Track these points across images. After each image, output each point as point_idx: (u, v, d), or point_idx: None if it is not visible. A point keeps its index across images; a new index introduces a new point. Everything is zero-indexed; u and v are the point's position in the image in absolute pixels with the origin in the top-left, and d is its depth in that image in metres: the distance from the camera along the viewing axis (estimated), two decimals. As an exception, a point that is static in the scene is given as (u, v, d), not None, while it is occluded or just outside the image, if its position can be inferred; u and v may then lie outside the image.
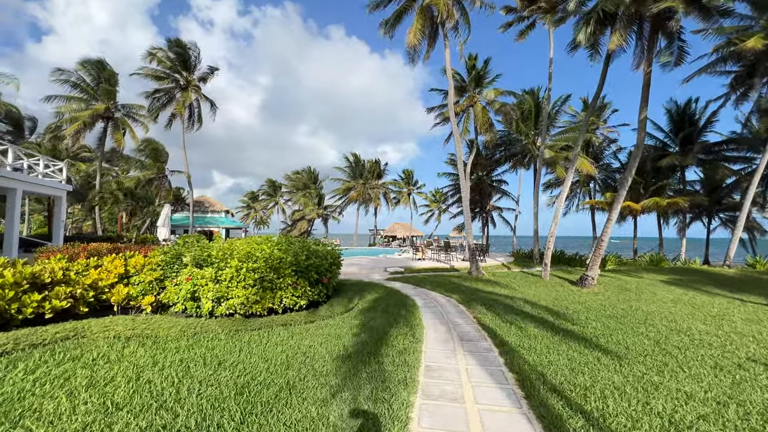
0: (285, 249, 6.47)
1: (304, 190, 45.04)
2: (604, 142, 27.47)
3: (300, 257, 6.37)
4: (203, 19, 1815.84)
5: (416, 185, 49.23)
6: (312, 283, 6.52)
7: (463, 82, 21.20)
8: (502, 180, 30.32)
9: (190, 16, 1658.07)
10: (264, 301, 5.86)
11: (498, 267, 17.26)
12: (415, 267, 15.67)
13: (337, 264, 7.85)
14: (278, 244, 6.81)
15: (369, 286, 10.16)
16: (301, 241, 7.49)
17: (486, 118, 19.77)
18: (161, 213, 13.43)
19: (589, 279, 11.30)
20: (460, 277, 13.01)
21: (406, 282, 11.66)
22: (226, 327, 5.24)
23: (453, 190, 32.99)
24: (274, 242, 6.97)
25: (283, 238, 7.45)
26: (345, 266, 15.28)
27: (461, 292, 9.78)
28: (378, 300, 7.96)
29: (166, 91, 25.84)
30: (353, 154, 40.64)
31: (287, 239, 7.49)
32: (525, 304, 8.35)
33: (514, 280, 12.85)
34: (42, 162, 13.40)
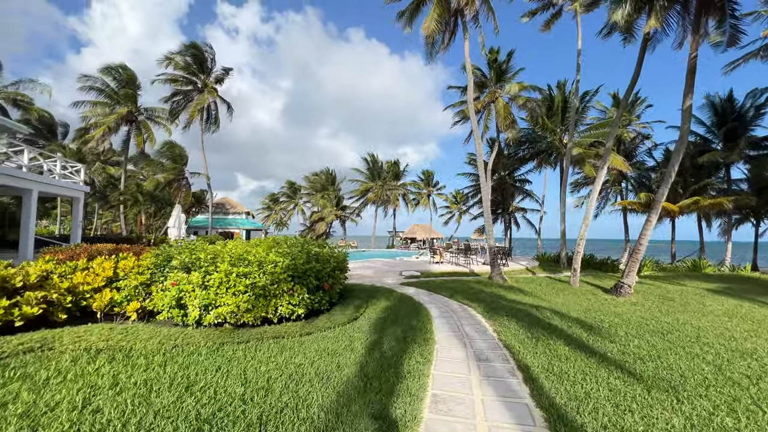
0: (283, 252, 5.90)
1: (322, 191, 44.91)
2: (636, 138, 25.70)
3: (298, 261, 5.77)
4: (228, 27, 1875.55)
5: (436, 186, 48.22)
6: (311, 289, 5.91)
7: (484, 78, 20.22)
8: (526, 180, 28.97)
9: (216, 25, 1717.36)
10: (257, 309, 5.28)
11: (521, 272, 16.17)
12: (432, 271, 14.86)
13: (342, 268, 7.21)
14: (276, 246, 6.25)
15: (380, 291, 9.48)
16: (303, 243, 6.91)
17: (508, 114, 18.70)
18: (172, 213, 13.22)
19: (625, 287, 10.17)
20: (480, 283, 12.11)
21: (420, 287, 10.89)
22: (212, 339, 4.68)
23: (473, 190, 31.86)
24: (270, 244, 6.41)
25: (283, 240, 6.90)
26: (358, 269, 14.70)
27: (480, 300, 8.93)
28: (387, 309, 7.25)
29: (184, 94, 26.18)
30: (371, 154, 40.19)
31: (288, 241, 6.93)
32: (553, 316, 7.43)
33: (540, 286, 11.83)
34: (59, 163, 13.52)
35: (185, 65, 25.48)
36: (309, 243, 7.12)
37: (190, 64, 25.94)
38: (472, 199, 32.98)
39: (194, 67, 26.13)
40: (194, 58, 26.00)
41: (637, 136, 25.89)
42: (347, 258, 8.07)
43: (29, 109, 27.25)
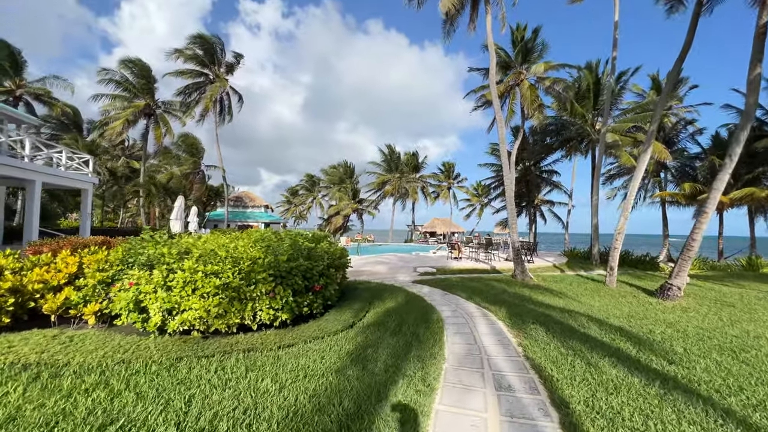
0: (265, 246, 5.02)
1: (340, 184, 44.29)
2: (679, 123, 23.36)
3: (281, 258, 4.87)
4: (251, 24, 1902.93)
5: (457, 178, 46.57)
6: (298, 291, 5.01)
7: (508, 58, 18.65)
8: (553, 170, 27.12)
9: (238, 21, 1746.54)
10: (230, 315, 4.43)
11: (548, 269, 14.79)
12: (449, 267, 13.75)
13: (339, 266, 6.27)
14: (261, 240, 5.39)
15: (388, 290, 8.51)
16: (294, 236, 6.02)
17: (535, 97, 17.14)
18: (175, 205, 12.71)
19: (674, 289, 8.75)
20: (502, 282, 10.92)
21: (435, 286, 9.85)
22: (169, 352, 3.86)
23: (496, 182, 30.24)
24: (257, 237, 5.56)
25: (271, 233, 6.04)
26: (370, 265, 13.78)
27: (502, 302, 7.80)
28: (393, 312, 6.27)
29: (196, 86, 25.91)
30: (388, 145, 39.04)
31: (277, 234, 6.06)
32: (589, 324, 6.24)
33: (570, 286, 10.52)
34: (65, 154, 13.26)
35: (195, 56, 25.13)
36: (302, 236, 6.23)
37: (200, 55, 25.58)
38: (495, 191, 31.35)
39: (205, 59, 25.76)
40: (204, 50, 25.62)
41: (680, 122, 23.54)
42: (347, 254, 7.15)
43: (53, 104, 27.80)
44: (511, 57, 18.66)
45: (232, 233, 7.44)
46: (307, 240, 5.96)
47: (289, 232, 6.74)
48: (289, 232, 6.74)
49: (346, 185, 41.04)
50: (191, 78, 25.79)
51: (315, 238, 7.29)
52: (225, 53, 26.68)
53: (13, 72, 25.84)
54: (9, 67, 25.62)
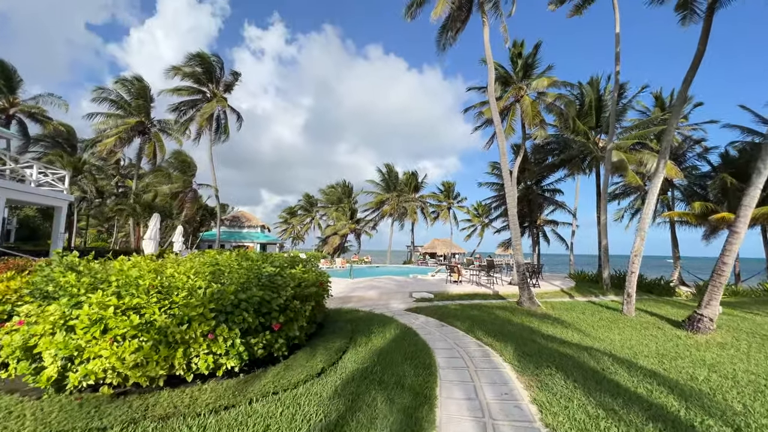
0: (210, 273, 4.02)
1: (338, 204, 43.50)
2: (685, 142, 22.67)
3: (229, 288, 3.85)
4: (255, 49, 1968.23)
5: (456, 198, 45.79)
6: (250, 330, 3.96)
7: (507, 74, 18.15)
8: (556, 189, 26.26)
9: (243, 47, 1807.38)
10: (154, 364, 3.37)
11: (556, 294, 13.63)
12: (448, 292, 12.61)
13: (306, 297, 5.16)
14: (212, 263, 4.39)
15: (377, 322, 7.39)
16: (258, 259, 5.02)
17: (536, 113, 16.48)
18: (149, 224, 11.76)
19: (705, 321, 7.62)
20: (507, 309, 9.78)
21: (431, 315, 8.72)
22: (50, 424, 2.78)
23: (497, 201, 29.35)
24: (211, 261, 4.56)
25: (230, 255, 5.05)
26: (362, 290, 12.65)
27: (508, 336, 6.68)
28: (376, 354, 5.17)
29: (192, 104, 25.51)
30: (386, 164, 38.44)
31: (238, 255, 5.07)
32: (616, 366, 5.12)
33: (583, 315, 9.37)
34: (35, 169, 12.43)
35: (193, 74, 24.85)
36: (269, 259, 5.23)
37: (198, 73, 25.33)
38: (496, 210, 30.41)
39: (202, 77, 25.49)
40: (203, 68, 25.38)
41: (686, 140, 22.87)
42: (327, 279, 6.11)
43: (46, 123, 27.38)
44: (510, 74, 18.17)
45: (208, 253, 6.43)
46: (271, 265, 4.95)
47: (255, 254, 5.75)
48: (255, 254, 5.75)
49: (344, 205, 40.23)
50: (188, 95, 25.42)
51: (291, 260, 6.27)
52: (224, 72, 26.45)
53: (7, 90, 25.55)
54: (3, 86, 25.34)
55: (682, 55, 9.80)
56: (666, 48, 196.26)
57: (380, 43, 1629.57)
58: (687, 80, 9.99)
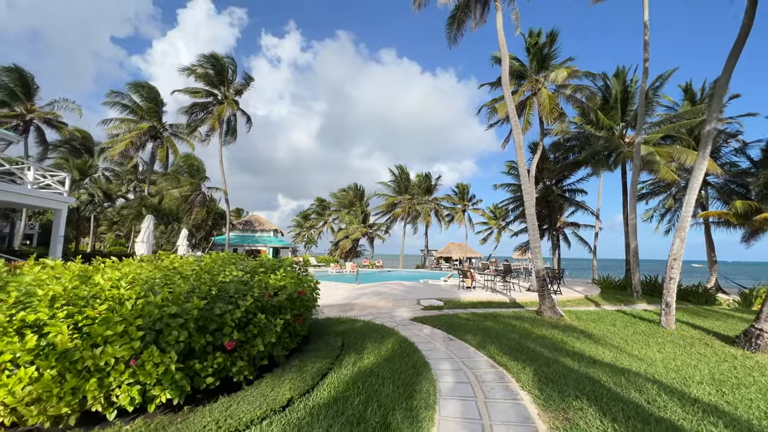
0: (145, 281, 3.24)
1: (350, 207, 42.89)
2: (719, 136, 20.90)
3: (157, 298, 3.04)
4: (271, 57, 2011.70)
5: (471, 201, 44.48)
6: (192, 352, 3.16)
7: (522, 67, 17.05)
8: (579, 189, 24.77)
9: (260, 56, 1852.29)
10: (54, 400, 2.59)
11: (580, 302, 12.40)
12: (460, 299, 11.59)
13: (277, 309, 4.29)
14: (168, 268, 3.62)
15: (374, 335, 6.50)
16: (216, 261, 4.24)
17: (555, 106, 15.33)
18: (142, 226, 11.26)
19: (765, 336, 6.39)
20: (525, 320, 8.71)
21: (439, 326, 7.75)
22: None
23: (514, 203, 28.02)
24: (167, 266, 3.81)
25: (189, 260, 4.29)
26: (366, 296, 11.77)
27: (526, 354, 5.67)
28: (365, 378, 4.28)
29: (204, 106, 25.38)
30: (398, 166, 37.57)
31: (219, 259, 4.30)
32: (664, 398, 4.07)
33: (615, 327, 8.21)
34: (32, 171, 12.15)
35: (205, 75, 24.70)
36: (232, 261, 4.43)
37: (211, 75, 25.18)
38: (513, 212, 29.03)
39: (215, 79, 25.33)
40: (215, 70, 25.23)
41: (720, 134, 21.09)
42: (312, 286, 5.27)
43: (61, 128, 27.84)
44: (526, 65, 17.06)
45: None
46: (243, 270, 4.14)
47: (218, 255, 4.99)
48: (218, 255, 4.99)
49: (356, 208, 39.55)
50: (200, 97, 25.31)
51: (272, 265, 5.48)
52: (236, 75, 26.25)
53: (24, 97, 26.10)
54: (21, 93, 25.89)
55: (718, 41, 8.59)
56: (699, 36, 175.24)
57: (393, 47, 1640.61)
58: (730, 60, 8.74)
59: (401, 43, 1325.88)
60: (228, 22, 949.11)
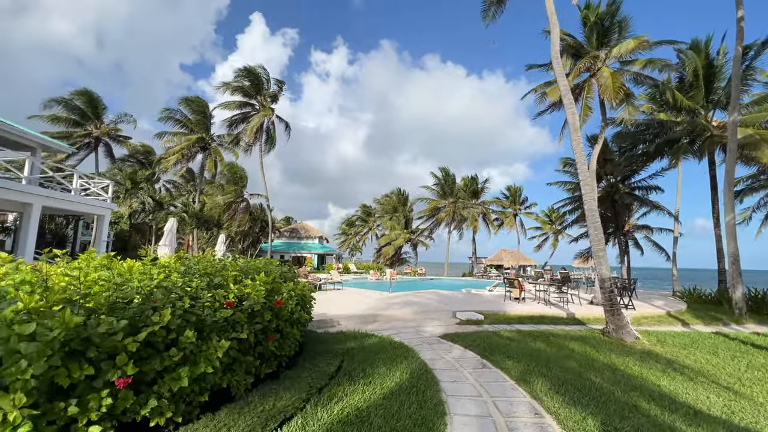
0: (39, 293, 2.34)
1: (393, 213, 41.90)
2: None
3: (5, 317, 2.09)
4: (320, 72, 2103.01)
5: (524, 204, 41.23)
6: (61, 392, 2.17)
7: (577, 44, 14.83)
8: (650, 186, 21.35)
9: (310, 72, 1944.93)
10: None
11: (660, 319, 10.01)
12: (505, 312, 9.85)
13: (217, 326, 3.16)
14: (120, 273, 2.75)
15: (384, 357, 5.22)
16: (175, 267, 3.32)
17: (619, 86, 12.95)
18: (165, 228, 11.09)
19: None
20: (586, 342, 6.86)
21: (472, 347, 6.25)
22: None
23: (572, 204, 25.04)
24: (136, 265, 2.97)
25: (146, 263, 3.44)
26: (395, 307, 10.45)
27: (590, 394, 4.05)
28: (342, 426, 3.04)
29: (243, 117, 26.07)
30: (442, 169, 35.78)
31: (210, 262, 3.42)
32: None
33: (717, 358, 6.09)
34: (75, 178, 12.67)
35: (241, 88, 25.44)
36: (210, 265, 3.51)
37: (246, 86, 25.88)
38: (571, 215, 25.93)
39: (250, 90, 26.00)
40: (250, 81, 25.89)
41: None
42: (293, 296, 4.17)
43: (124, 143, 30.30)
44: (581, 42, 14.82)
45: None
46: (211, 272, 3.17)
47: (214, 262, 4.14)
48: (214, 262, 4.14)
49: (399, 214, 38.43)
50: (238, 108, 26.11)
51: (254, 268, 4.49)
52: (270, 83, 26.77)
53: (94, 116, 28.80)
54: (91, 113, 28.59)
55: None
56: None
57: (437, 53, 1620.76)
58: None
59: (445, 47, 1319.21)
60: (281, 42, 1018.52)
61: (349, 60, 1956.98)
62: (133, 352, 2.42)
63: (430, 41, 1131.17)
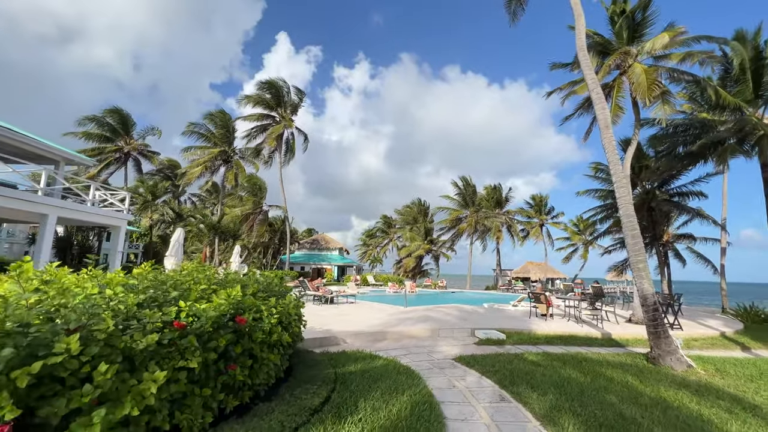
0: None
1: (413, 224, 41.10)
2: None
3: None
4: (343, 87, 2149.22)
5: (550, 214, 39.42)
6: None
7: (605, 41, 13.81)
8: (691, 192, 19.58)
9: (333, 87, 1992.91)
10: None
11: (714, 341, 8.70)
12: (530, 331, 8.87)
13: (137, 356, 2.58)
14: None
15: (383, 385, 4.50)
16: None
17: (653, 82, 11.83)
18: (172, 239, 10.89)
19: None
20: (629, 369, 5.85)
21: (491, 373, 5.41)
22: None
23: (603, 212, 23.40)
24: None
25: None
26: (408, 323, 9.67)
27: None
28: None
29: (262, 128, 26.36)
30: (462, 177, 34.78)
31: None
32: None
33: (796, 394, 4.95)
34: (92, 189, 12.83)
35: (263, 100, 25.78)
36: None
37: (268, 99, 26.21)
38: (603, 224, 24.21)
39: (272, 102, 26.31)
40: (271, 94, 26.22)
41: None
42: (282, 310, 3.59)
43: (152, 158, 31.35)
44: (610, 39, 13.81)
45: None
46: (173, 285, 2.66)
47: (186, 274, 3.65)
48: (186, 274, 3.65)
49: (419, 224, 37.58)
50: (258, 121, 26.45)
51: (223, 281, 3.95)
52: (290, 94, 27.04)
53: (123, 132, 30.03)
54: (121, 129, 29.83)
55: None
56: None
57: (457, 63, 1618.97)
58: None
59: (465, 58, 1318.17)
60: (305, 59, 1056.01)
61: (371, 74, 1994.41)
62: (23, 389, 1.87)
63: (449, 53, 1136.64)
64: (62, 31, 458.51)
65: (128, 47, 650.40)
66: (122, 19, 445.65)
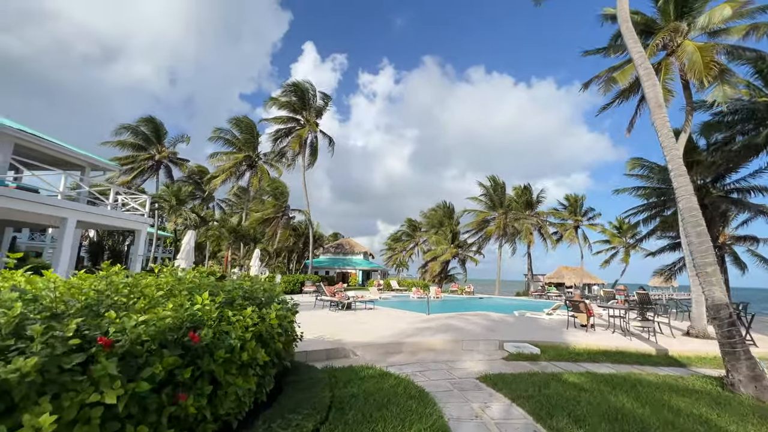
0: None
1: (439, 227, 39.90)
2: None
3: None
4: (368, 93, 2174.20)
5: (586, 215, 36.99)
6: None
7: (649, 19, 12.36)
8: (753, 187, 17.40)
9: (358, 93, 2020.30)
10: None
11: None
12: (568, 345, 7.74)
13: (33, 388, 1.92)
14: None
15: (388, 414, 3.70)
16: None
17: (710, 60, 10.32)
18: (182, 241, 10.61)
19: None
20: (698, 397, 4.70)
21: (522, 400, 4.46)
22: None
23: (647, 211, 21.35)
24: None
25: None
26: (429, 333, 8.76)
27: None
28: None
29: (287, 132, 26.36)
30: (490, 177, 33.26)
31: None
32: None
33: None
34: (112, 193, 12.90)
35: (288, 103, 25.80)
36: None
37: (294, 102, 26.20)
38: (647, 225, 22.08)
39: (297, 105, 26.28)
40: (297, 96, 26.19)
41: None
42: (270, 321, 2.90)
43: (182, 165, 32.25)
44: (654, 17, 12.35)
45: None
46: None
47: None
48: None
49: (445, 227, 36.37)
50: (283, 123, 26.53)
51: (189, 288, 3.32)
52: (316, 98, 26.95)
53: (156, 141, 31.08)
54: (154, 138, 30.90)
55: None
56: None
57: (481, 64, 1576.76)
58: None
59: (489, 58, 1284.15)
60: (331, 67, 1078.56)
61: (396, 79, 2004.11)
62: None
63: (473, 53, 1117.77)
64: (105, 50, 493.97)
65: (165, 63, 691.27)
66: (160, 37, 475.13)
